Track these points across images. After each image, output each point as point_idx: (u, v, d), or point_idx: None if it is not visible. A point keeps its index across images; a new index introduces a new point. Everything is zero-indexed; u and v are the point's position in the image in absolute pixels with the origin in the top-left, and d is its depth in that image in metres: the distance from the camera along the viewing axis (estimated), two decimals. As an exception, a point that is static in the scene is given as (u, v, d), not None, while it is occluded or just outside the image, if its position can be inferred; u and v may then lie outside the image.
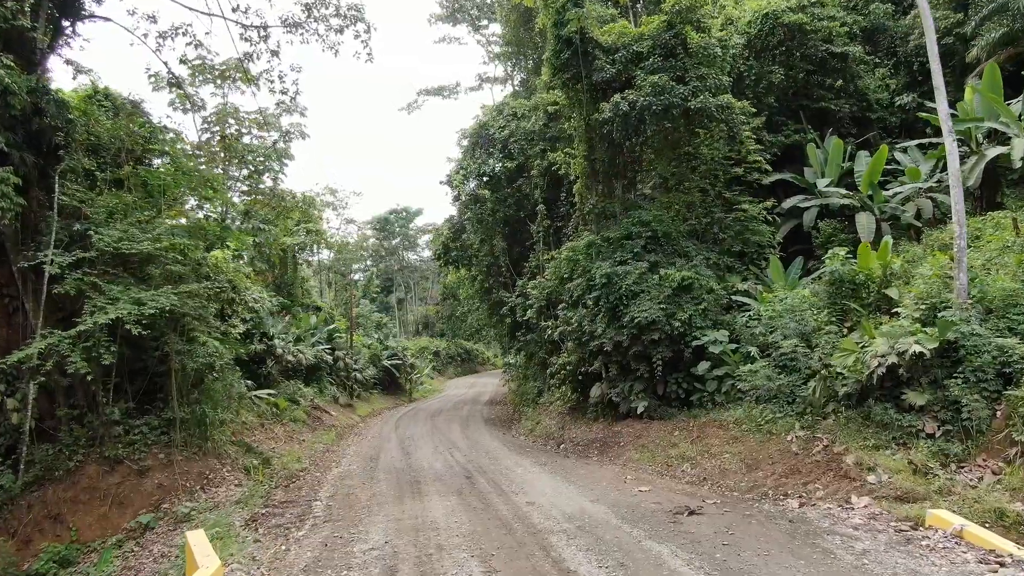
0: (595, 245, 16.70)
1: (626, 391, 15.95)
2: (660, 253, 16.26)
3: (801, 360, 11.92)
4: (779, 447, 11.41)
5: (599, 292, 15.83)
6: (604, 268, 15.75)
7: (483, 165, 25.05)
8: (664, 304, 15.00)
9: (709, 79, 15.98)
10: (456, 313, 39.91)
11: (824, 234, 17.16)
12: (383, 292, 75.49)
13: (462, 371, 63.20)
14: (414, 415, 29.02)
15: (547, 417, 20.60)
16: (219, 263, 15.19)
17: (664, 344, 14.98)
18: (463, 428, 22.73)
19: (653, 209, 16.83)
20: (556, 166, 22.95)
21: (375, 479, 13.15)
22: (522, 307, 23.00)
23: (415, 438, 20.11)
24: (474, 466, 14.22)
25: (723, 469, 11.66)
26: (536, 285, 19.84)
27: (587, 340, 16.40)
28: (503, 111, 25.64)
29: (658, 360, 14.98)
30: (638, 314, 14.95)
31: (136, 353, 12.68)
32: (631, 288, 15.44)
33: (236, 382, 14.81)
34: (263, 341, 22.54)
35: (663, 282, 15.22)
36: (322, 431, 22.16)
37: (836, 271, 12.98)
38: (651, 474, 12.62)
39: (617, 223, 17.37)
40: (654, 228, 16.32)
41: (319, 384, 27.98)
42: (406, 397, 39.81)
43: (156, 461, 12.16)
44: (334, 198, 57.84)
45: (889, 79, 23.63)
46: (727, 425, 13.16)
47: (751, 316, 14.40)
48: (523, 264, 25.16)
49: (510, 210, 25.68)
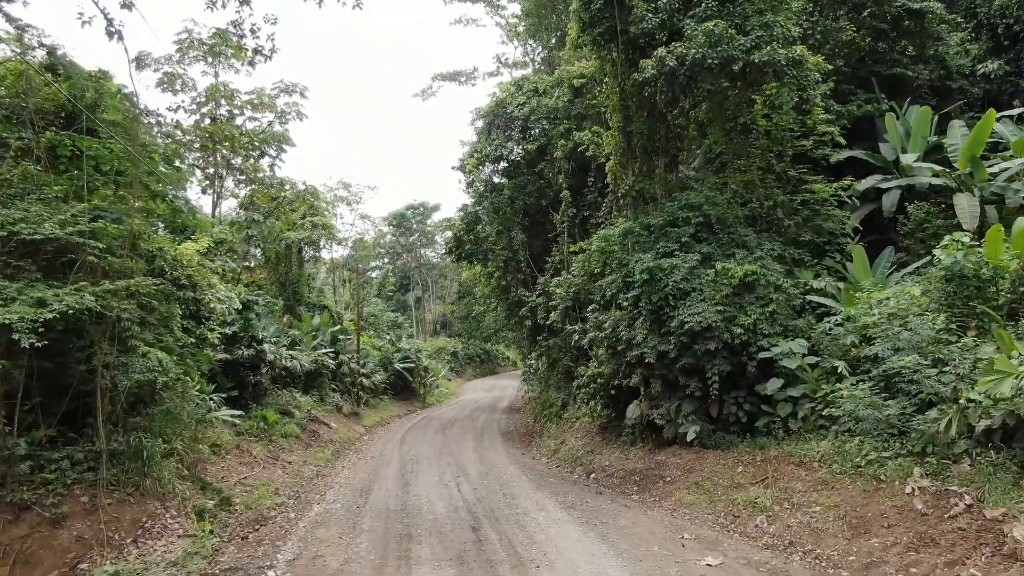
0: (633, 234, 13.76)
1: (672, 412, 12.99)
2: (714, 243, 13.26)
3: (926, 383, 8.84)
4: (894, 501, 8.39)
5: (639, 291, 12.89)
6: (645, 261, 12.80)
7: (500, 148, 22.21)
8: (722, 306, 12.02)
9: (775, 28, 12.93)
10: (472, 313, 37.11)
11: (914, 220, 14.00)
12: (401, 291, 73.30)
13: (481, 372, 60.55)
14: (424, 426, 26.30)
15: (573, 436, 17.70)
16: (180, 256, 12.55)
17: (721, 355, 12.00)
18: (477, 445, 19.93)
19: (704, 189, 13.81)
20: (583, 147, 20.03)
21: (357, 528, 10.37)
22: (544, 308, 20.12)
23: (419, 459, 17.36)
24: (484, 508, 11.38)
25: (815, 529, 8.67)
26: (561, 283, 16.91)
27: (623, 349, 13.47)
28: (523, 87, 22.76)
29: (714, 375, 12.01)
30: (688, 318, 11.99)
31: (60, 367, 10.08)
32: (679, 286, 12.48)
33: (191, 401, 12.17)
34: (252, 346, 19.99)
35: (720, 278, 12.23)
36: (317, 448, 19.52)
37: (957, 263, 9.91)
38: (714, 528, 9.67)
39: (659, 207, 14.41)
40: (706, 213, 13.32)
41: (320, 392, 25.38)
42: (419, 403, 37.14)
43: (77, 506, 9.51)
44: (348, 192, 55.62)
45: (969, 44, 20.29)
46: (809, 463, 10.16)
47: (835, 322, 11.35)
48: (545, 259, 22.26)
49: (530, 198, 22.81)
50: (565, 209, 20.64)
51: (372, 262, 73.10)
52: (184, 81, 24.77)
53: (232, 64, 24.70)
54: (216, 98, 23.43)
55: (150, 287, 9.74)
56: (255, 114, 24.47)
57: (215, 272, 15.21)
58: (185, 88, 23.99)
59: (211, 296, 12.48)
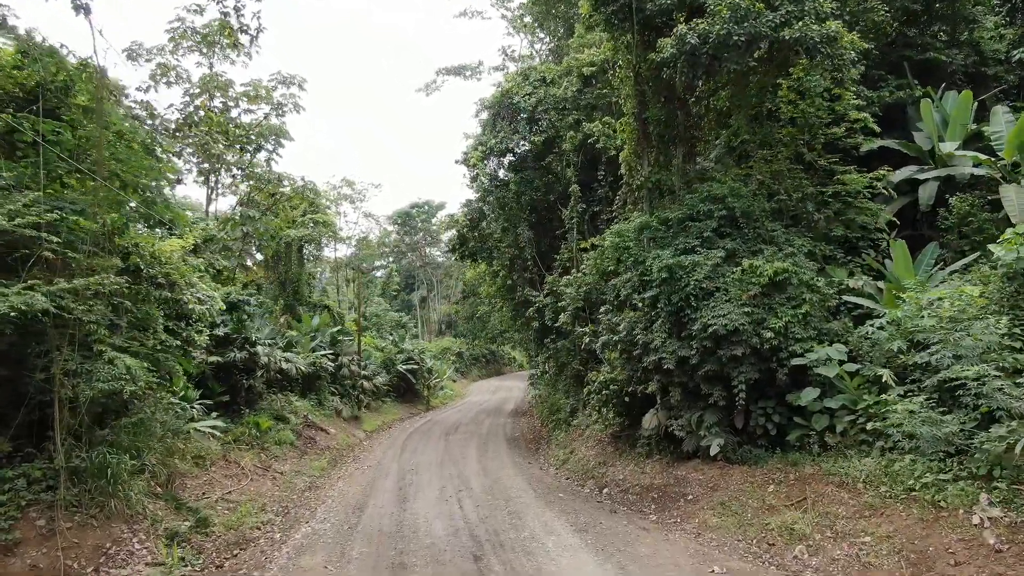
0: (650, 228, 12.65)
1: (693, 423, 11.88)
2: (738, 239, 12.13)
3: (997, 396, 7.68)
4: (960, 534, 7.27)
5: (657, 290, 11.79)
6: (664, 258, 11.70)
7: (506, 140, 21.13)
8: (749, 307, 10.90)
9: (806, 2, 11.81)
10: (477, 313, 35.95)
11: (957, 213, 12.82)
12: (406, 290, 72.40)
13: (487, 372, 59.46)
14: (427, 431, 25.26)
15: (583, 445, 16.61)
16: (159, 253, 11.53)
17: (748, 362, 10.88)
18: (481, 454, 18.87)
19: (727, 180, 12.68)
20: (593, 139, 18.95)
21: (346, 556, 9.33)
22: (552, 308, 19.05)
23: (420, 469, 16.32)
24: (488, 531, 10.32)
25: (866, 564, 7.56)
26: (571, 282, 15.83)
27: (639, 353, 12.37)
28: (530, 77, 21.67)
29: (740, 383, 10.90)
30: (713, 320, 10.88)
31: (17, 375, 9.11)
32: (701, 285, 11.37)
33: (167, 411, 11.15)
34: (245, 348, 19.01)
35: (747, 277, 11.11)
36: (312, 456, 18.52)
37: (1020, 260, 8.77)
38: (746, 558, 8.57)
39: (677, 200, 13.30)
40: (730, 205, 12.20)
41: (319, 395, 24.38)
42: (423, 405, 36.12)
43: (32, 531, 8.53)
44: (352, 190, 54.60)
45: (1004, 28, 19.05)
46: (852, 484, 9.04)
47: (878, 325, 10.21)
48: (553, 257, 21.17)
49: (537, 193, 21.72)
50: (574, 204, 19.55)
51: (377, 261, 72.28)
52: (179, 73, 23.85)
53: (228, 55, 23.74)
54: (209, 88, 22.43)
55: (113, 285, 8.71)
56: (251, 106, 23.48)
57: (198, 270, 14.17)
58: (180, 80, 23.03)
59: (190, 296, 11.45)
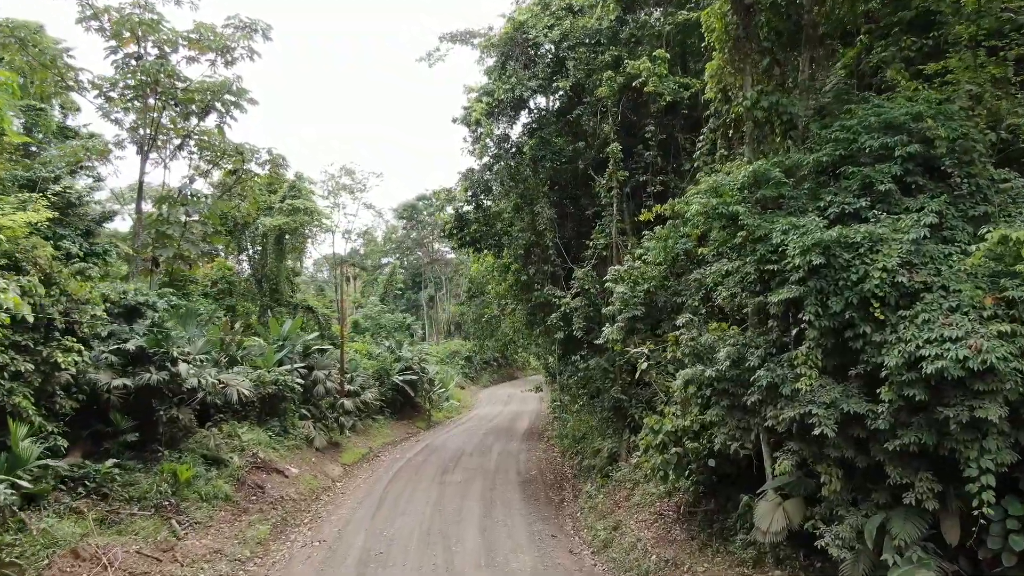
0: (770, 181, 7.26)
1: (868, 533, 6.48)
2: (944, 193, 6.73)
3: None
4: None
5: (799, 288, 6.41)
6: (812, 230, 6.32)
7: (520, 87, 15.77)
8: (1005, 323, 5.51)
9: None
10: (484, 316, 30.51)
11: None
12: (413, 289, 67.48)
13: (498, 378, 54.28)
14: (420, 466, 20.03)
15: (632, 518, 11.22)
16: None
17: (999, 430, 5.49)
18: (485, 513, 13.56)
19: (923, 97, 7.23)
20: (639, 80, 13.57)
21: None
22: (583, 314, 13.72)
23: (394, 544, 11.10)
24: None
25: None
26: (621, 276, 10.31)
27: (758, 401, 7.00)
28: (550, 4, 16.28)
29: (982, 471, 5.52)
30: (931, 349, 5.49)
31: None
32: (895, 278, 6.00)
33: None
34: (166, 367, 13.92)
35: (992, 260, 5.72)
36: (253, 517, 13.34)
37: None
38: None
39: (807, 137, 7.90)
40: (928, 135, 6.77)
41: (283, 421, 19.20)
42: (423, 421, 30.88)
43: None
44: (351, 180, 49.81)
45: None
46: None
47: None
48: (583, 245, 15.73)
49: (561, 159, 16.34)
50: (614, 170, 14.16)
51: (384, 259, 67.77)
52: (111, 15, 18.78)
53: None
54: (134, 29, 17.30)
55: None
56: (194, 52, 18.28)
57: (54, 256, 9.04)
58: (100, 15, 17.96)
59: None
